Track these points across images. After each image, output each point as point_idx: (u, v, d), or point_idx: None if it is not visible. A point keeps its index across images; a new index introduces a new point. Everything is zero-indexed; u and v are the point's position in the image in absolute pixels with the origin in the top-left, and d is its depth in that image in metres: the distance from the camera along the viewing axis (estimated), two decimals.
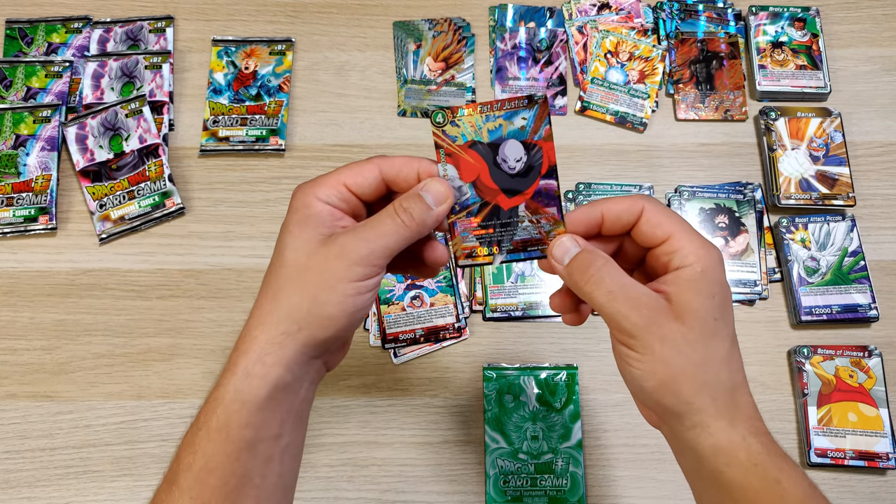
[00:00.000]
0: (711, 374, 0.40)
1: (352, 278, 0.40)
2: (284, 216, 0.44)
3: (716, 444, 0.40)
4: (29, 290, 0.72)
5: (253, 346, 0.40)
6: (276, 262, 0.42)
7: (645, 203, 0.42)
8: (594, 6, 0.84)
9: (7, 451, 0.67)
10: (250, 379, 0.40)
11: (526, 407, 0.68)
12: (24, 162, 0.75)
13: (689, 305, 0.40)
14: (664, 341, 0.39)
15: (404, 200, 0.41)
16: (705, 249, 0.41)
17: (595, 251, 0.42)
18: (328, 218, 0.42)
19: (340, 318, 0.40)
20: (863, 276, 0.72)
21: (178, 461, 0.41)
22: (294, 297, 0.40)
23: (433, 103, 0.79)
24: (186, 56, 0.81)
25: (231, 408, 0.40)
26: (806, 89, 0.79)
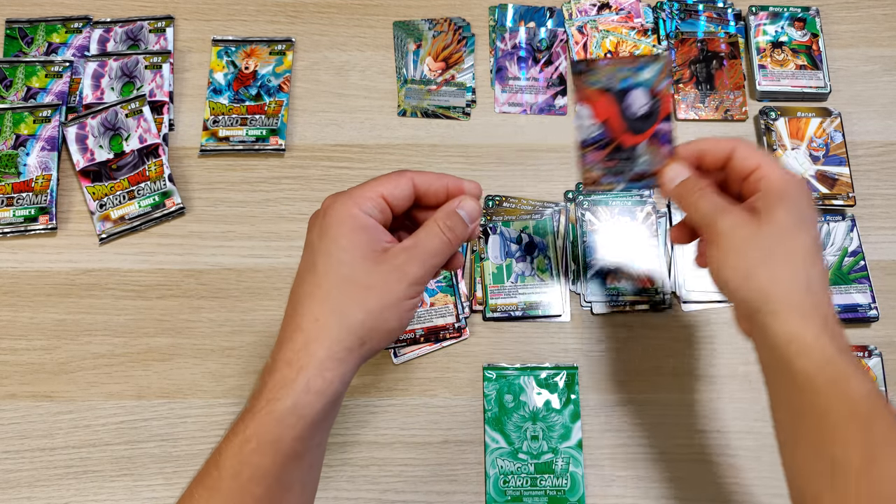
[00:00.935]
0: (788, 269, 0.45)
1: (410, 296, 0.44)
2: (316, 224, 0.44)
3: (789, 332, 0.43)
4: (29, 290, 0.72)
5: (311, 361, 0.41)
6: (327, 272, 0.43)
7: (737, 142, 0.50)
8: (594, 6, 0.84)
9: (7, 451, 0.67)
10: (310, 395, 0.41)
11: (526, 407, 0.68)
12: (24, 162, 0.75)
13: (770, 212, 0.46)
14: (746, 239, 0.46)
15: (447, 219, 0.46)
16: (789, 175, 0.48)
17: (698, 178, 0.51)
18: (376, 232, 0.44)
19: (398, 331, 0.45)
20: (863, 276, 0.72)
21: (219, 467, 0.41)
22: (358, 314, 0.42)
23: (433, 103, 0.79)
24: (186, 56, 0.81)
25: (286, 422, 0.40)
26: (806, 89, 0.79)
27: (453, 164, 0.77)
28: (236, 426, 0.42)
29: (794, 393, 0.43)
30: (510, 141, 0.79)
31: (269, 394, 0.41)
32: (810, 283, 0.45)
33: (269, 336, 0.70)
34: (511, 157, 0.78)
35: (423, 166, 0.77)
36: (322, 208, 0.45)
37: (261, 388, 0.42)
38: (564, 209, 0.75)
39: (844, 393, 0.41)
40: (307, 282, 0.43)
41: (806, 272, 0.45)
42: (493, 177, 0.77)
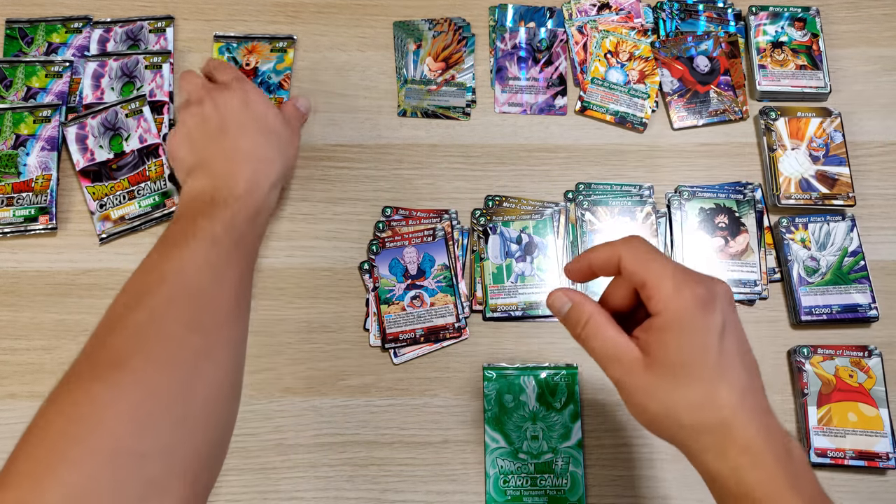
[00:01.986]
0: (686, 416, 0.43)
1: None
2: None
3: (710, 472, 0.44)
4: (29, 290, 0.72)
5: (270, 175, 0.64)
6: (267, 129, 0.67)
7: (622, 251, 0.46)
8: (594, 6, 0.84)
9: (7, 452, 0.67)
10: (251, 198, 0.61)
11: (526, 407, 0.68)
12: (24, 162, 0.75)
13: (656, 354, 0.44)
14: (637, 389, 0.44)
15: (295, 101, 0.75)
16: (676, 293, 0.43)
17: (583, 305, 0.47)
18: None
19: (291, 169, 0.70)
20: (863, 276, 0.72)
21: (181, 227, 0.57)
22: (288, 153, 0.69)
23: (433, 103, 0.79)
24: (186, 56, 0.81)
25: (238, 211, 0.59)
26: (806, 89, 0.79)
27: (453, 164, 0.77)
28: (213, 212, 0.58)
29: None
30: (510, 141, 0.79)
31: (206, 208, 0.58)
32: (721, 418, 0.43)
33: (270, 336, 0.70)
34: (511, 157, 0.78)
35: (423, 166, 0.77)
36: None
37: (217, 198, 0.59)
38: (564, 209, 0.75)
39: None
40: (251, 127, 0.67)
41: (713, 411, 0.43)
42: (493, 177, 0.77)
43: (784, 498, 0.41)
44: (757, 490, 0.41)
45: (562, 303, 0.48)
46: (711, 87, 0.80)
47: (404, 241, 0.73)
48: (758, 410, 0.43)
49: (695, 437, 0.43)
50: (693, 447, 0.44)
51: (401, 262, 0.72)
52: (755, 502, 0.41)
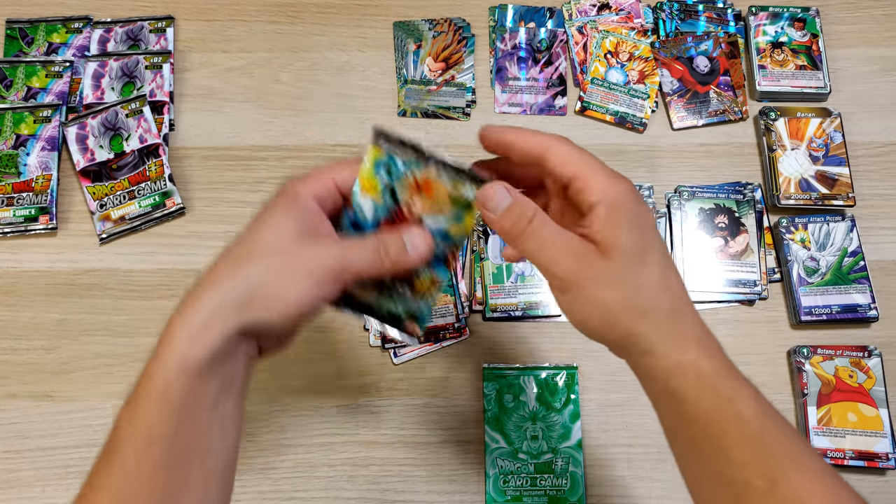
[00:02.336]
0: (647, 300, 0.41)
1: (317, 281, 0.40)
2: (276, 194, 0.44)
3: (666, 367, 0.41)
4: (29, 290, 0.72)
5: (200, 311, 0.39)
6: (248, 237, 0.42)
7: (552, 143, 0.43)
8: (594, 6, 0.84)
9: (7, 451, 0.67)
10: (193, 344, 0.38)
11: (526, 407, 0.68)
12: (24, 162, 0.75)
13: (609, 242, 0.41)
14: (594, 280, 0.41)
15: (390, 243, 0.43)
16: (611, 182, 0.41)
17: (525, 201, 0.42)
18: (312, 215, 0.43)
19: (292, 306, 0.40)
20: (862, 277, 0.72)
21: (116, 434, 0.39)
22: (258, 268, 0.40)
23: (433, 103, 0.79)
24: (187, 56, 0.81)
25: (172, 373, 0.38)
26: (806, 89, 0.79)
27: None
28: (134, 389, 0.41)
29: (685, 424, 0.41)
30: None
31: (157, 348, 0.40)
32: (675, 307, 0.41)
33: None
34: None
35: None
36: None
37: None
38: None
39: (734, 415, 0.39)
40: (233, 243, 0.43)
41: (669, 298, 0.41)
42: None
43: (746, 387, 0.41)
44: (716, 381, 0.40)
45: (502, 196, 0.42)
46: (711, 87, 0.80)
47: None
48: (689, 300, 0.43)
49: (653, 325, 0.41)
50: (649, 340, 0.41)
51: None
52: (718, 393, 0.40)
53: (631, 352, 0.42)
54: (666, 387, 0.41)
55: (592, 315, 0.41)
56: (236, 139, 0.78)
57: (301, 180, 0.44)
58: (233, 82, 0.80)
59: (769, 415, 0.40)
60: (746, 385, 0.41)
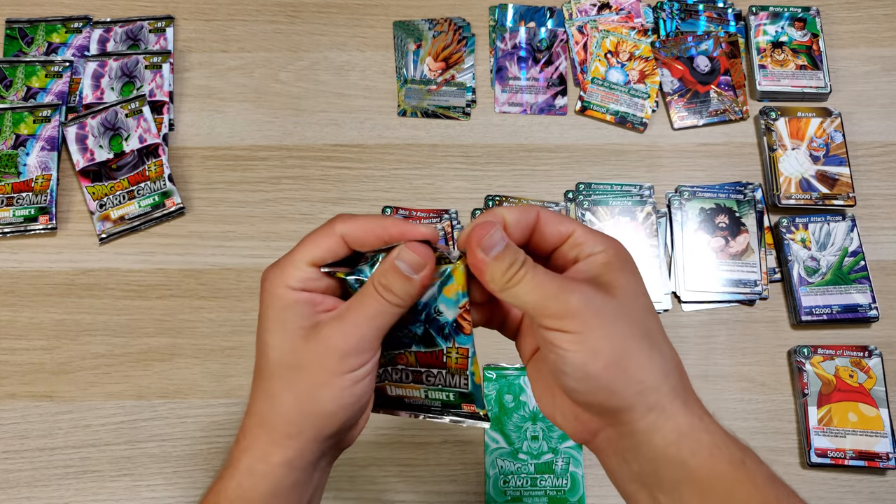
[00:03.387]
0: (657, 347, 0.37)
1: (345, 370, 0.38)
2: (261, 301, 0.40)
3: (678, 426, 0.36)
4: (29, 290, 0.72)
5: (255, 444, 0.39)
6: (260, 361, 0.40)
7: (539, 209, 0.40)
8: (594, 6, 0.84)
9: (7, 451, 0.67)
10: (254, 477, 0.38)
11: (526, 407, 0.68)
12: (24, 162, 0.75)
13: (617, 281, 0.37)
14: (602, 315, 0.36)
15: (382, 277, 0.38)
16: (607, 237, 0.40)
17: (514, 245, 0.39)
18: (306, 308, 0.39)
19: (340, 413, 0.38)
20: (863, 276, 0.72)
21: None
22: (288, 400, 0.38)
23: (433, 103, 0.79)
24: (186, 56, 0.81)
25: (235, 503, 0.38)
26: (806, 89, 0.79)
27: (453, 164, 0.77)
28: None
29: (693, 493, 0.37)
30: (510, 141, 0.79)
31: (220, 474, 0.39)
32: (677, 361, 0.38)
33: None
34: (511, 157, 0.78)
35: (423, 166, 0.77)
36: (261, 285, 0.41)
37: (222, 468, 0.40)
38: (564, 209, 0.75)
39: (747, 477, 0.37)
40: (255, 368, 0.40)
41: (671, 349, 0.38)
42: (493, 177, 0.77)
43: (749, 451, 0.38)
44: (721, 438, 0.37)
45: (499, 237, 0.38)
46: (711, 87, 0.80)
47: None
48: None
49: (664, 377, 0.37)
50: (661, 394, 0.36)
51: None
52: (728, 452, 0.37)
53: (635, 408, 0.36)
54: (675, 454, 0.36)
55: (598, 354, 0.35)
56: (236, 139, 0.78)
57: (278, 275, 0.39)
58: (232, 82, 0.80)
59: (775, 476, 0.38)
60: (746, 445, 0.39)
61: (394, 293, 0.38)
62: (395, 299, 0.38)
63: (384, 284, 0.38)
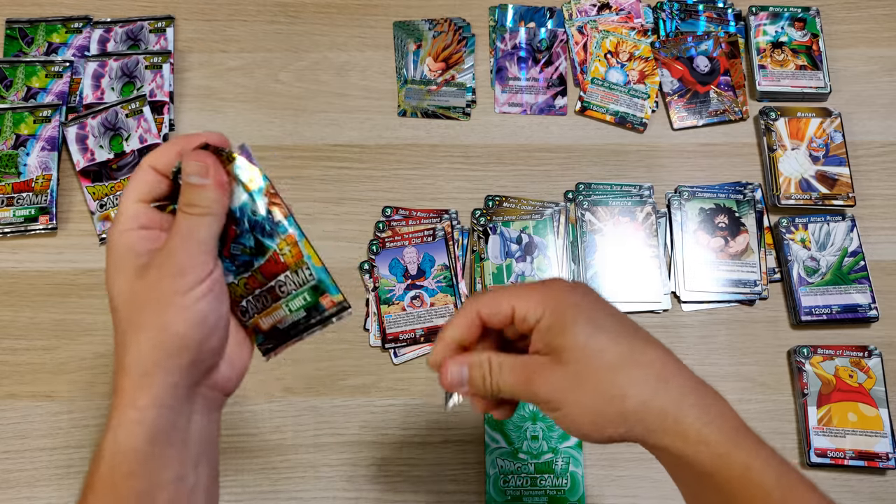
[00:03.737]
0: (624, 385, 0.40)
1: (184, 289, 0.38)
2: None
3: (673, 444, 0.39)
4: (29, 290, 0.72)
5: (121, 393, 0.38)
6: (112, 312, 0.40)
7: (476, 306, 0.43)
8: (594, 6, 0.84)
9: (7, 451, 0.67)
10: (127, 426, 0.37)
11: (526, 407, 0.68)
12: (24, 162, 0.75)
13: (563, 345, 0.40)
14: (566, 389, 0.40)
15: (182, 197, 0.40)
16: (539, 295, 0.42)
17: (477, 358, 0.43)
18: (137, 246, 0.40)
19: (191, 332, 0.38)
20: (863, 276, 0.72)
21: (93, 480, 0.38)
22: (139, 338, 0.38)
23: (433, 103, 0.79)
24: (187, 56, 0.81)
25: (113, 461, 0.37)
26: (806, 89, 0.79)
27: (453, 164, 0.77)
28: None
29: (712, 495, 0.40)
30: (510, 141, 0.79)
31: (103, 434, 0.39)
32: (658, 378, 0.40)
33: None
34: (511, 157, 0.78)
35: (423, 167, 0.77)
36: None
37: None
38: (564, 209, 0.75)
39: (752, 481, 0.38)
40: (112, 319, 0.41)
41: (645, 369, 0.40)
42: (493, 177, 0.77)
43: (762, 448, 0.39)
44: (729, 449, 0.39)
45: (459, 367, 0.43)
46: (711, 87, 0.80)
47: (404, 241, 0.73)
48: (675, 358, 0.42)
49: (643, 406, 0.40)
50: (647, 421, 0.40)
51: (401, 262, 0.72)
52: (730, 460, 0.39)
53: (637, 438, 0.41)
54: (683, 462, 0.40)
55: (582, 420, 0.41)
56: (236, 139, 0.78)
57: (112, 223, 0.41)
58: (232, 82, 0.80)
59: (789, 476, 0.39)
60: (761, 447, 0.39)
61: (197, 205, 0.39)
62: (201, 210, 0.39)
63: (186, 202, 0.39)
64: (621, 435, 0.41)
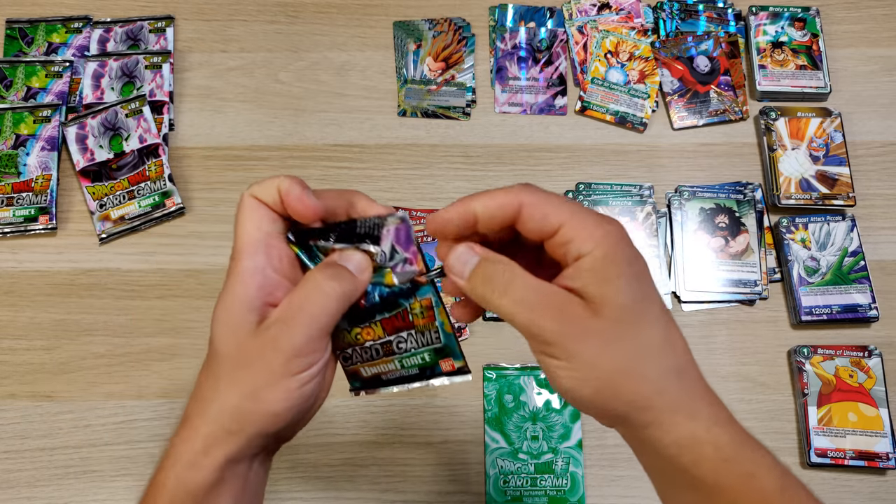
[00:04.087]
0: (650, 364, 0.36)
1: (292, 372, 0.36)
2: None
3: (678, 440, 0.35)
4: (29, 290, 0.72)
5: (196, 436, 0.37)
6: (210, 350, 0.39)
7: (523, 196, 0.36)
8: (594, 6, 0.84)
9: (7, 451, 0.67)
10: (193, 470, 0.37)
11: (526, 407, 0.68)
12: (24, 162, 0.75)
13: (603, 297, 0.35)
14: (587, 342, 0.35)
15: (326, 269, 0.37)
16: (601, 229, 0.35)
17: (494, 257, 0.37)
18: (255, 298, 0.37)
19: (286, 414, 0.37)
20: (863, 276, 0.72)
21: None
22: (231, 396, 0.37)
23: (433, 103, 0.79)
24: (186, 56, 0.81)
25: (176, 496, 0.37)
26: (806, 89, 0.79)
27: (453, 164, 0.77)
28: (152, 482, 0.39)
29: (701, 500, 0.36)
30: (510, 141, 0.79)
31: (160, 465, 0.38)
32: (680, 369, 0.37)
33: None
34: (511, 157, 0.78)
35: (423, 167, 0.77)
36: None
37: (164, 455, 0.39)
38: None
39: (755, 490, 0.35)
40: (206, 357, 0.40)
41: (674, 358, 0.36)
42: (493, 177, 0.77)
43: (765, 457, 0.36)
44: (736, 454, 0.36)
45: (468, 257, 0.37)
46: (711, 87, 0.80)
47: None
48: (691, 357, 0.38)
49: (657, 393, 0.35)
50: (654, 410, 0.35)
51: None
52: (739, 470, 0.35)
53: (633, 423, 0.37)
54: (678, 463, 0.36)
55: (586, 381, 0.35)
56: (236, 139, 0.78)
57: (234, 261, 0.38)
58: (232, 82, 0.80)
59: (791, 488, 0.36)
60: (766, 454, 0.36)
61: (341, 285, 0.37)
62: (341, 293, 0.37)
63: (330, 275, 0.37)
64: (618, 415, 0.37)
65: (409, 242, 0.39)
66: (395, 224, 0.39)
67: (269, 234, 0.39)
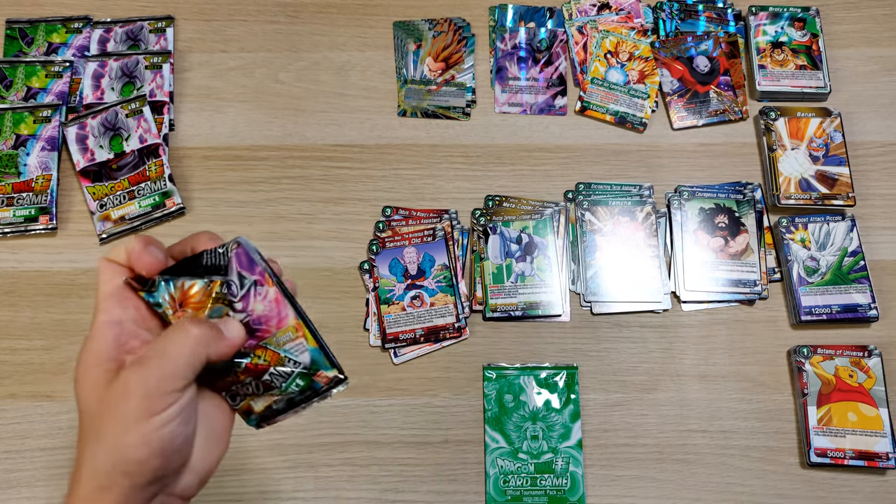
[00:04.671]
0: None
1: (147, 414, 0.36)
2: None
3: None
4: (29, 290, 0.72)
5: (75, 498, 0.37)
6: (78, 411, 0.38)
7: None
8: (594, 6, 0.84)
9: (7, 451, 0.67)
10: None
11: (526, 407, 0.68)
12: (24, 162, 0.75)
13: None
14: None
15: (195, 320, 0.38)
16: None
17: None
18: (112, 349, 0.38)
19: (152, 460, 0.36)
20: (863, 276, 0.72)
21: None
22: (98, 452, 0.36)
23: (433, 103, 0.79)
24: (186, 56, 0.81)
25: None
26: (806, 89, 0.79)
27: (453, 164, 0.77)
28: None
29: None
30: (510, 141, 0.79)
31: None
32: None
33: None
34: (511, 157, 0.78)
35: (422, 167, 0.77)
36: None
37: None
38: (564, 209, 0.75)
39: None
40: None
41: None
42: (493, 177, 0.77)
43: None
44: None
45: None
46: (711, 87, 0.80)
47: (404, 241, 0.73)
48: None
49: None
50: None
51: (401, 262, 0.72)
52: None
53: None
54: None
55: None
56: (236, 139, 0.78)
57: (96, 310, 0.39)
58: (232, 82, 0.80)
59: None
60: None
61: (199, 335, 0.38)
62: (198, 338, 0.38)
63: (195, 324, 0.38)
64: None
65: (253, 264, 0.40)
66: (234, 249, 0.40)
67: (122, 288, 0.39)
